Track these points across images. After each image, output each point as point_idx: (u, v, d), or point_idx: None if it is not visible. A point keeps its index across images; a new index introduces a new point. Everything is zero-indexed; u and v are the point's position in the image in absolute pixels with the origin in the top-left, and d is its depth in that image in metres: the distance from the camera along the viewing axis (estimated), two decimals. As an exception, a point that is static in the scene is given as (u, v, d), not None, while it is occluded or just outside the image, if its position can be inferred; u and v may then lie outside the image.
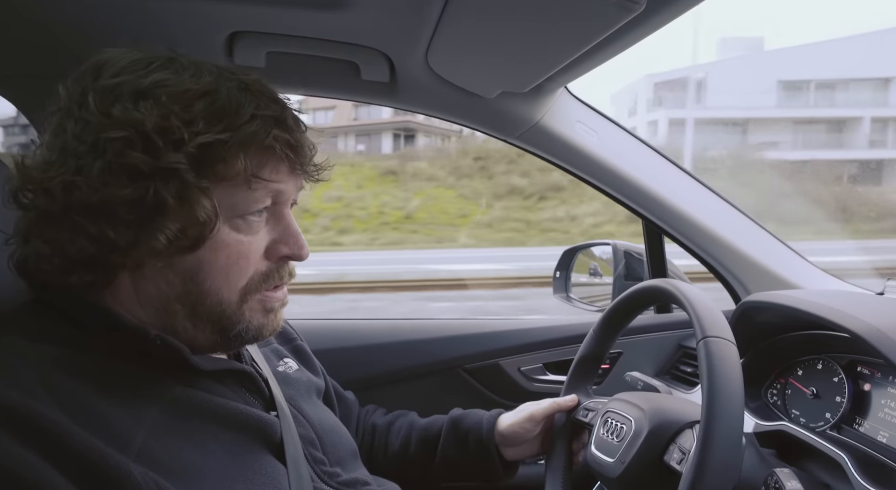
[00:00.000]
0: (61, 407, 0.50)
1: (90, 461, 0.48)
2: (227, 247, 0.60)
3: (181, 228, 0.57)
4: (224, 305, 0.62)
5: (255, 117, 0.58)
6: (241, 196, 0.60)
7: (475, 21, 0.77)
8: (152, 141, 0.54)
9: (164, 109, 0.55)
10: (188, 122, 0.55)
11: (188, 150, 0.55)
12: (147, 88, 0.56)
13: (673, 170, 1.23)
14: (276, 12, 0.87)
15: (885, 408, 0.84)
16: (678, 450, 0.74)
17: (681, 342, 1.33)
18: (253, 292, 0.63)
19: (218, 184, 0.58)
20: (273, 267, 0.65)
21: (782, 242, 1.26)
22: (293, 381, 0.83)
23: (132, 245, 0.56)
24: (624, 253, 1.40)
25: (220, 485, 0.57)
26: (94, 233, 0.55)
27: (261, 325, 0.65)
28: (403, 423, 1.05)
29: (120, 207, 0.55)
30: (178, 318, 0.61)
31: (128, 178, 0.55)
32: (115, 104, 0.55)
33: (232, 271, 0.61)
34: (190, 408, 0.59)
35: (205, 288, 0.60)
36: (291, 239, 0.65)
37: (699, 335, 0.70)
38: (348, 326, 1.39)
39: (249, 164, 0.59)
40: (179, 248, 0.58)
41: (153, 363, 0.59)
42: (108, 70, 0.58)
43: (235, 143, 0.57)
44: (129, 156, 0.54)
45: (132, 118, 0.54)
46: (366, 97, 1.15)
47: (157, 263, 0.59)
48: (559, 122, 1.13)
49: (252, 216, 0.62)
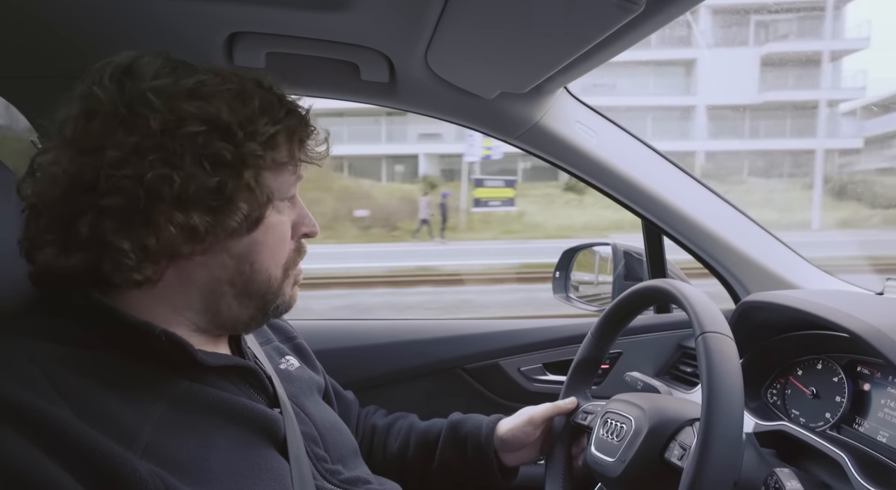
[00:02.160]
0: (67, 403, 0.50)
1: (95, 458, 0.49)
2: (274, 227, 0.66)
3: (249, 209, 0.62)
4: (272, 281, 0.68)
5: (290, 112, 0.66)
6: (284, 180, 0.67)
7: (474, 22, 0.77)
8: (231, 132, 0.60)
9: (230, 105, 0.60)
10: (252, 115, 0.61)
11: (260, 138, 0.61)
12: (196, 88, 0.60)
13: (672, 170, 1.23)
14: (276, 13, 0.87)
15: (884, 408, 0.84)
16: (679, 446, 0.75)
17: (680, 342, 1.33)
18: (292, 267, 0.71)
19: (275, 169, 0.65)
20: (297, 245, 0.72)
21: (782, 242, 1.26)
22: (295, 379, 0.84)
23: (210, 229, 0.60)
24: (623, 253, 1.40)
25: (226, 480, 0.58)
26: (181, 221, 0.58)
27: (291, 298, 0.72)
28: (403, 425, 1.05)
29: (206, 194, 0.59)
30: (225, 299, 0.66)
31: (212, 166, 0.59)
32: (184, 101, 0.58)
33: (278, 250, 0.68)
34: (196, 403, 0.60)
35: (256, 267, 0.66)
36: (307, 218, 0.72)
37: (697, 331, 0.70)
38: (348, 327, 1.39)
39: (295, 151, 0.67)
40: (243, 230, 0.63)
41: (159, 360, 0.60)
42: (146, 72, 0.60)
43: (284, 132, 0.65)
44: (212, 146, 0.59)
45: (208, 112, 0.59)
46: (365, 98, 1.15)
47: (220, 247, 0.63)
48: (559, 122, 1.13)
49: (286, 200, 0.69)
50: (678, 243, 1.27)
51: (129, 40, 0.65)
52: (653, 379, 1.03)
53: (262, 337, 0.88)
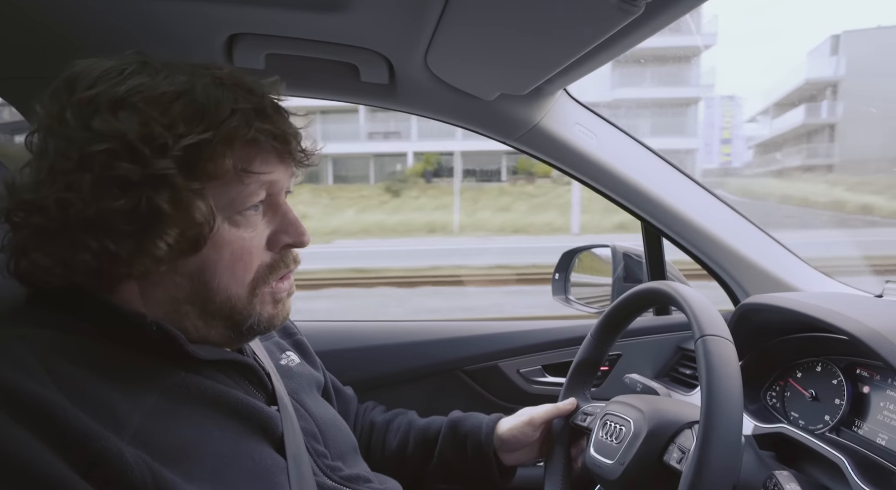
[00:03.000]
0: (59, 387, 0.50)
1: (85, 442, 0.49)
2: (229, 244, 0.61)
3: (180, 232, 0.57)
4: (234, 301, 0.63)
5: (234, 112, 0.58)
6: (236, 192, 0.60)
7: (474, 23, 0.77)
8: (137, 149, 0.55)
9: (143, 116, 0.55)
10: (169, 125, 0.55)
11: (174, 153, 0.55)
12: (123, 96, 0.56)
13: (672, 172, 1.23)
14: (276, 14, 0.87)
15: (884, 410, 0.84)
16: (678, 449, 0.75)
17: (680, 344, 1.33)
18: (261, 285, 0.64)
19: (209, 183, 0.58)
20: (277, 257, 0.66)
21: (781, 245, 1.26)
22: (295, 375, 0.84)
23: (134, 254, 0.57)
24: (623, 255, 1.40)
25: (216, 471, 0.57)
26: (95, 246, 0.56)
27: (271, 316, 0.67)
28: (402, 421, 1.05)
29: (116, 219, 0.56)
30: (188, 318, 0.62)
31: (119, 189, 0.55)
32: (94, 117, 0.56)
33: (237, 267, 0.62)
34: (190, 393, 0.60)
35: (213, 286, 0.61)
36: (291, 227, 0.66)
37: (697, 334, 0.70)
38: (347, 328, 1.39)
39: (238, 160, 0.59)
40: (182, 252, 0.59)
41: (153, 350, 0.60)
42: (82, 82, 0.58)
43: (219, 140, 0.57)
44: (116, 167, 0.55)
45: (114, 129, 0.55)
46: (365, 99, 1.15)
47: (161, 268, 0.59)
48: (558, 124, 1.13)
49: (249, 211, 0.62)
50: (677, 245, 1.27)
51: (128, 42, 0.65)
52: (652, 381, 1.02)
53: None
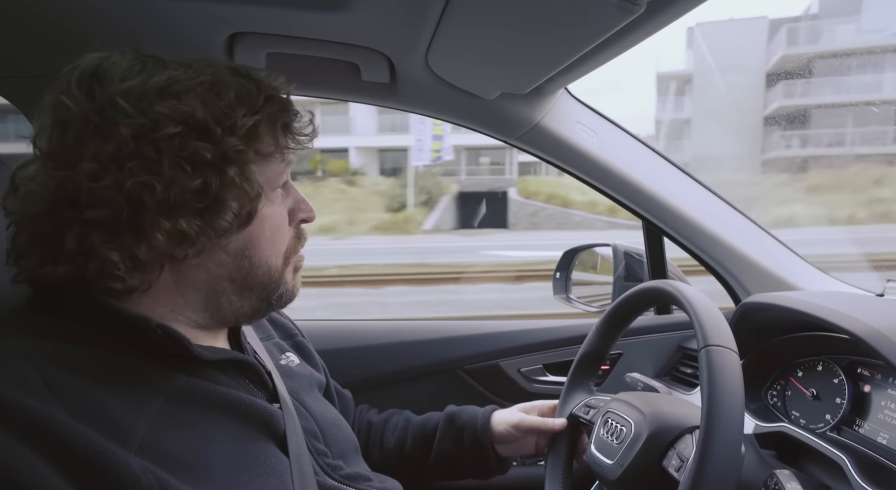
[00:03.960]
0: (60, 402, 0.50)
1: (86, 456, 0.48)
2: (269, 218, 0.66)
3: (240, 206, 0.61)
4: (272, 272, 0.67)
5: (269, 99, 0.63)
6: (274, 169, 0.66)
7: (475, 22, 0.77)
8: (209, 129, 0.58)
9: (204, 100, 0.58)
10: (229, 108, 0.59)
11: (240, 132, 0.59)
12: (168, 86, 0.58)
13: (673, 171, 1.23)
14: (277, 13, 0.87)
15: (885, 409, 0.84)
16: (677, 456, 0.74)
17: (681, 343, 1.33)
18: (292, 254, 0.70)
19: (258, 161, 0.63)
20: (296, 231, 0.72)
21: (782, 243, 1.26)
22: (295, 375, 0.84)
23: (200, 232, 0.59)
24: (624, 254, 1.40)
25: (224, 475, 0.57)
26: (169, 227, 0.57)
27: (293, 286, 0.72)
28: (399, 420, 1.06)
29: (190, 197, 0.57)
30: (225, 295, 0.65)
31: (192, 168, 0.57)
32: (154, 103, 0.56)
33: (276, 240, 0.67)
34: (193, 397, 0.60)
35: (255, 260, 0.65)
36: (303, 204, 0.72)
37: (701, 343, 0.69)
38: (348, 327, 1.39)
39: (279, 139, 0.65)
40: (239, 226, 0.62)
41: (155, 354, 0.59)
42: (113, 74, 0.58)
43: (265, 121, 0.63)
44: (190, 147, 0.57)
45: (182, 111, 0.57)
46: (366, 98, 1.15)
47: (211, 247, 0.61)
48: (559, 123, 1.13)
49: (279, 189, 0.68)
50: (678, 244, 1.27)
51: (129, 40, 0.64)
52: (653, 380, 1.03)
53: (262, 333, 0.88)
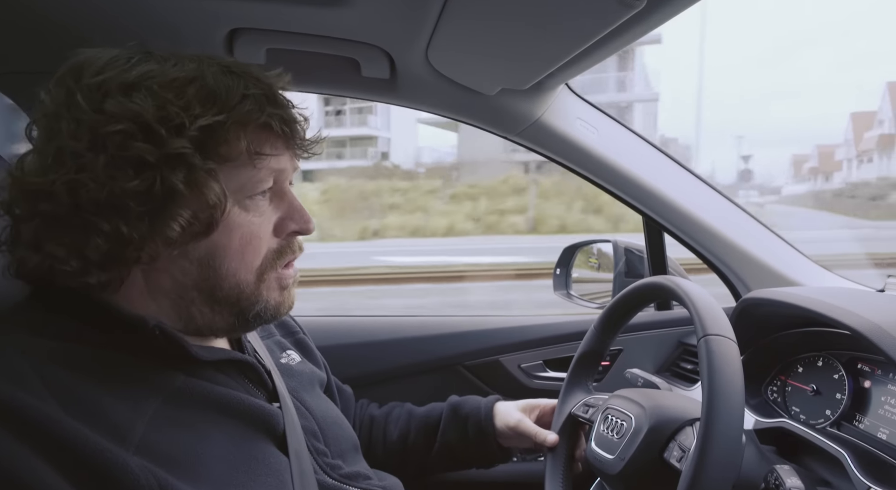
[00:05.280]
0: (57, 400, 0.50)
1: (85, 454, 0.48)
2: (239, 228, 0.61)
3: (193, 214, 0.58)
4: (242, 286, 0.63)
5: (246, 96, 0.59)
6: (247, 176, 0.61)
7: (475, 18, 0.77)
8: (153, 130, 0.55)
9: (158, 98, 0.56)
10: (184, 107, 0.56)
11: (190, 134, 0.56)
12: (135, 81, 0.56)
13: (673, 166, 1.23)
14: (277, 9, 0.87)
15: (885, 405, 0.84)
16: (678, 447, 0.75)
17: (681, 339, 1.33)
18: (269, 270, 0.65)
19: (223, 165, 0.59)
20: (283, 243, 0.66)
21: (782, 239, 1.26)
22: (296, 373, 0.84)
23: (146, 237, 0.57)
24: (624, 250, 1.39)
25: (222, 474, 0.57)
26: (107, 229, 0.56)
27: (278, 303, 0.67)
28: (401, 412, 1.06)
29: (130, 200, 0.55)
30: (194, 305, 0.62)
31: (133, 169, 0.55)
32: (106, 99, 0.55)
33: (247, 252, 0.62)
34: (192, 398, 0.59)
35: (222, 272, 0.61)
36: (297, 214, 0.67)
37: (700, 333, 0.70)
38: (348, 323, 1.39)
39: (250, 143, 0.60)
40: (193, 235, 0.59)
41: (153, 354, 0.59)
42: (90, 69, 0.58)
43: (233, 123, 0.58)
44: (131, 147, 0.55)
45: (129, 110, 0.55)
46: (366, 94, 1.15)
47: (172, 253, 0.59)
48: (560, 119, 1.13)
49: (258, 196, 0.63)
50: (679, 240, 1.27)
51: (129, 37, 0.64)
52: (653, 376, 1.03)
53: (263, 331, 0.88)
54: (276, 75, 0.64)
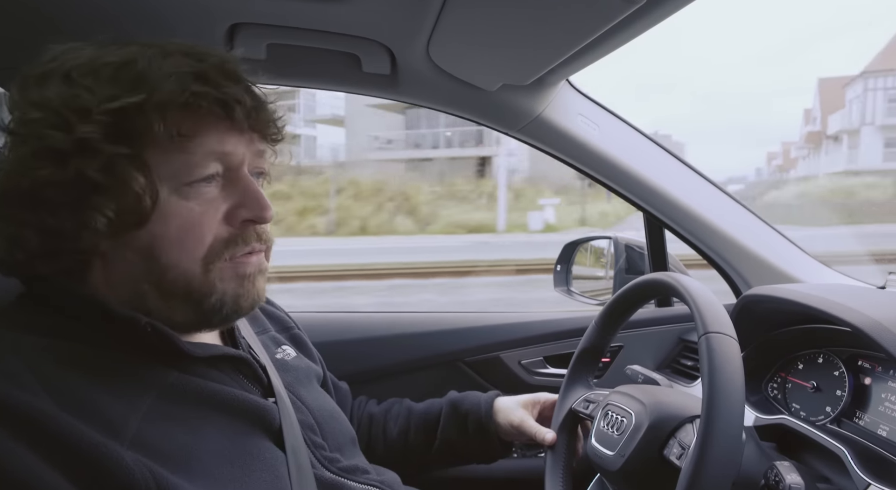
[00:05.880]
0: (51, 396, 0.50)
1: (80, 449, 0.48)
2: (177, 216, 0.58)
3: (119, 204, 0.56)
4: (188, 276, 0.60)
5: (170, 75, 0.56)
6: (180, 161, 0.57)
7: (477, 13, 0.76)
8: (63, 116, 0.54)
9: (72, 84, 0.55)
10: (94, 91, 0.54)
11: (96, 118, 0.54)
12: (69, 69, 0.56)
13: (674, 163, 1.22)
14: (277, 4, 0.87)
15: (885, 402, 0.84)
16: (678, 445, 0.75)
17: (681, 336, 1.33)
18: (216, 259, 0.61)
19: (145, 150, 0.56)
20: (236, 232, 0.62)
21: (783, 236, 1.26)
22: (292, 368, 0.84)
23: (77, 230, 0.56)
24: (625, 246, 1.39)
25: (217, 469, 0.57)
26: (34, 221, 0.55)
27: (237, 295, 0.63)
28: (401, 409, 1.06)
29: (49, 191, 0.55)
30: (148, 298, 0.60)
31: (50, 159, 0.54)
32: (32, 89, 0.56)
33: (187, 241, 0.59)
34: (185, 394, 0.59)
35: (163, 262, 0.58)
36: (251, 201, 0.62)
37: (701, 330, 0.69)
38: (347, 319, 1.39)
39: (173, 125, 0.56)
40: (126, 225, 0.57)
41: (146, 350, 0.59)
42: (45, 60, 0.58)
43: (151, 104, 0.54)
44: (46, 136, 0.54)
45: (42, 98, 0.55)
46: (367, 90, 1.15)
47: (113, 244, 0.58)
48: (561, 115, 1.13)
49: (200, 183, 0.59)
50: (679, 237, 1.26)
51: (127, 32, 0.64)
52: (653, 372, 1.03)
53: (258, 327, 0.87)
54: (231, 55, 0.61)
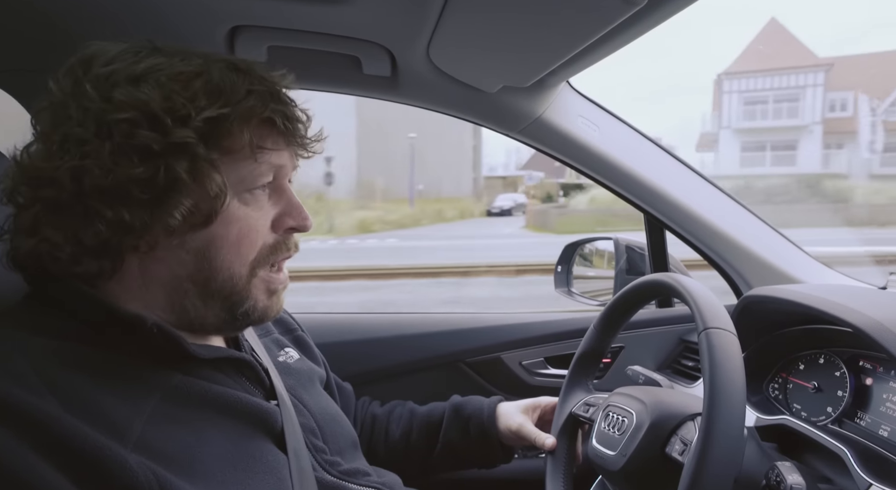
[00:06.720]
0: (56, 398, 0.50)
1: (84, 451, 0.48)
2: (237, 220, 0.62)
3: (194, 204, 0.59)
4: (235, 280, 0.63)
5: (251, 92, 0.60)
6: (248, 169, 0.62)
7: (477, 15, 0.77)
8: (159, 119, 0.56)
9: (165, 89, 0.57)
10: (190, 99, 0.57)
11: (195, 124, 0.57)
12: (143, 73, 0.57)
13: (674, 164, 1.23)
14: (278, 6, 0.87)
15: (886, 402, 0.84)
16: (680, 441, 0.75)
17: (682, 336, 1.33)
18: (262, 264, 0.65)
19: (224, 158, 0.60)
20: (280, 239, 0.67)
21: (784, 237, 1.26)
22: (294, 371, 0.84)
23: (147, 225, 0.58)
24: (625, 247, 1.39)
25: (219, 472, 0.57)
26: (110, 216, 0.56)
27: (266, 307, 0.67)
28: (403, 411, 1.06)
29: (133, 187, 0.56)
30: (188, 297, 0.63)
31: (138, 157, 0.56)
32: (114, 89, 0.56)
33: (243, 244, 0.63)
34: (189, 396, 0.60)
35: (216, 263, 0.62)
36: (295, 211, 0.67)
37: (700, 326, 0.70)
38: (349, 320, 1.39)
39: (253, 137, 0.61)
40: (193, 225, 0.60)
41: (151, 352, 0.59)
42: (99, 60, 0.59)
43: (237, 116, 0.59)
44: (137, 135, 0.56)
45: (136, 99, 0.56)
46: (368, 92, 1.15)
47: (171, 243, 0.60)
48: (561, 116, 1.13)
49: (257, 190, 0.64)
50: (680, 237, 1.27)
51: (129, 34, 0.65)
52: (654, 373, 1.03)
53: (261, 329, 0.87)
54: (279, 74, 0.65)
